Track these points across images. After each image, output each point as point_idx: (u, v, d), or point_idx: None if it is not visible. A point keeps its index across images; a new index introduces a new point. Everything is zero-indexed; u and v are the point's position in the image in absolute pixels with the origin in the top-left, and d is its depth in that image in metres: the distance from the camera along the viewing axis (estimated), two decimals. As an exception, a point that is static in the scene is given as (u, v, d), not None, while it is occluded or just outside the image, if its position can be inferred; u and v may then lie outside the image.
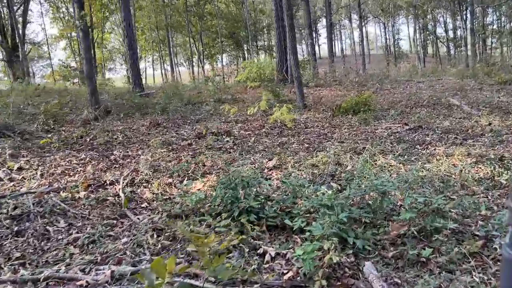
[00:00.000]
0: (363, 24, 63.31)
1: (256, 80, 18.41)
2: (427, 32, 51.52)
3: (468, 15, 36.05)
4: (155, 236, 3.10)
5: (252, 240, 3.09)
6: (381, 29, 55.54)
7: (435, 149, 6.38)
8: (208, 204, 3.50)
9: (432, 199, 3.84)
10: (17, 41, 27.09)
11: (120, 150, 6.02)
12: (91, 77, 9.06)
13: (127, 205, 3.62)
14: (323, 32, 65.37)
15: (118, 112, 9.82)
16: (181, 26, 38.37)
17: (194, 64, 49.25)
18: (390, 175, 5.10)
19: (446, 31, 48.36)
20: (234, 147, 6.43)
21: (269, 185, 3.75)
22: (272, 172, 5.15)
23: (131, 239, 3.07)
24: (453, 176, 5.04)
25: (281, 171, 5.23)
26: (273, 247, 3.07)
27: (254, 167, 5.27)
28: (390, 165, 5.38)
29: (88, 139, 6.56)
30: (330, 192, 3.55)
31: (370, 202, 3.46)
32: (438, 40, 51.52)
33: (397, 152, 6.23)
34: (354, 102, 9.57)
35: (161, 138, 6.86)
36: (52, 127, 7.52)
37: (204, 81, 17.38)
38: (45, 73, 41.18)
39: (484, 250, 3.24)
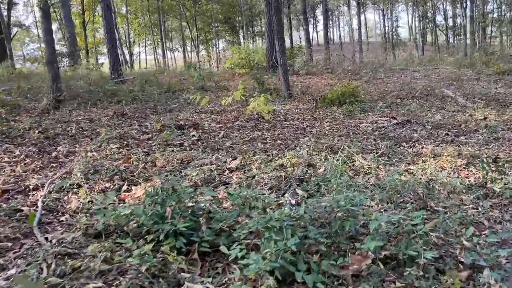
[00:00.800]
0: (361, 11, 62.19)
1: (246, 66, 17.64)
2: (427, 20, 50.53)
3: (468, 3, 35.16)
4: (53, 266, 2.43)
5: (177, 273, 2.43)
6: (380, 16, 54.34)
7: (422, 148, 5.72)
8: (133, 222, 2.84)
9: (408, 216, 3.19)
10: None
11: (67, 145, 5.32)
12: (52, 62, 8.30)
13: (33, 221, 2.95)
14: (321, 18, 64.10)
15: (87, 100, 9.10)
16: (173, 9, 37.24)
17: (188, 49, 48.21)
18: (368, 180, 4.45)
19: (446, 19, 47.36)
20: (199, 142, 5.74)
21: (213, 196, 3.07)
22: (233, 174, 4.48)
23: (21, 270, 2.41)
24: (439, 182, 4.37)
25: (244, 172, 4.56)
26: (201, 283, 2.42)
27: (213, 168, 4.60)
28: (369, 167, 4.71)
29: (36, 132, 5.86)
30: (284, 208, 2.88)
31: (331, 221, 2.79)
32: (437, 28, 50.57)
33: (379, 151, 5.56)
34: (341, 92, 8.87)
35: (119, 131, 6.16)
36: (2, 116, 6.80)
37: (187, 67, 16.51)
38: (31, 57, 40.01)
39: (469, 284, 2.61)
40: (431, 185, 4.18)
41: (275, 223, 2.60)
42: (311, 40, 29.21)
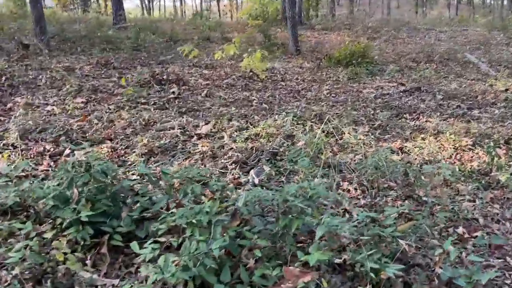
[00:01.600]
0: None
1: (260, 17, 16.62)
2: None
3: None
4: None
5: (70, 273, 1.97)
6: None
7: (426, 121, 5.04)
8: (42, 202, 2.36)
9: (382, 211, 2.64)
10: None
11: (29, 96, 4.84)
12: (36, 1, 7.64)
13: None
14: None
15: (77, 46, 8.52)
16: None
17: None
18: (354, 157, 3.86)
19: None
20: (176, 101, 5.18)
21: (146, 174, 2.55)
22: (200, 142, 3.94)
23: None
24: (438, 164, 3.76)
25: (214, 140, 4.02)
26: (102, 287, 1.96)
27: (179, 133, 4.07)
28: (357, 143, 4.10)
29: (3, 78, 5.38)
30: (217, 201, 2.35)
31: (279, 218, 2.25)
32: (474, -14, 47.27)
33: (376, 122, 4.91)
34: (349, 52, 8.06)
35: (94, 83, 5.63)
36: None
37: (193, 16, 15.54)
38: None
39: (442, 306, 2.12)
40: (424, 170, 3.57)
41: (203, 218, 2.08)
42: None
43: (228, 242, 2.00)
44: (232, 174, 3.28)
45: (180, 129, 4.18)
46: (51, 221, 2.26)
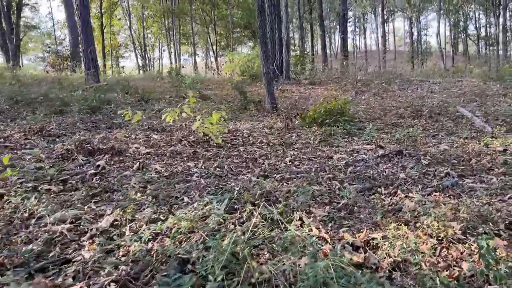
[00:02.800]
0: (390, 19, 59.88)
1: (245, 74, 16.09)
2: (458, 29, 47.94)
3: (502, 11, 32.60)
4: None
5: None
6: (409, 24, 51.70)
7: (405, 197, 4.00)
8: None
9: None
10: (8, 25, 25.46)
11: None
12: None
13: None
14: (350, 25, 61.67)
15: (25, 110, 7.73)
16: (186, 13, 36.19)
17: (211, 54, 46.97)
18: (296, 263, 2.80)
19: (476, 28, 44.72)
20: (94, 178, 4.19)
21: None
22: (88, 243, 2.91)
23: None
24: (414, 269, 2.73)
25: (108, 238, 2.99)
26: None
27: (68, 228, 3.04)
28: (306, 237, 3.05)
29: None
30: None
31: None
32: (468, 38, 47.88)
33: (341, 201, 3.88)
34: (325, 109, 7.18)
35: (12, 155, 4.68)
36: None
37: (168, 73, 14.95)
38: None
39: None
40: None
41: None
42: (326, 47, 27.44)
43: None
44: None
45: (72, 222, 3.17)
46: None
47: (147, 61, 43.84)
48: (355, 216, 3.68)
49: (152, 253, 2.74)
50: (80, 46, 23.70)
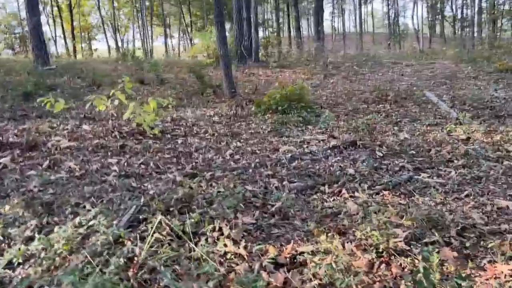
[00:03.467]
0: (368, 0, 59.19)
1: (212, 56, 15.34)
2: (437, 11, 47.70)
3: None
4: None
5: None
6: (387, 6, 51.08)
7: (348, 198, 3.50)
8: None
9: None
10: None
11: None
12: None
13: None
14: (328, 7, 60.66)
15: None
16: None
17: (187, 36, 45.57)
18: None
19: (452, 9, 44.59)
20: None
21: None
22: None
23: None
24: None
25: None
26: None
27: None
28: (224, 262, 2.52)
29: None
30: None
31: None
32: (444, 19, 47.75)
33: (276, 204, 3.35)
34: (280, 95, 6.61)
35: None
36: None
37: (122, 56, 14.04)
38: None
39: None
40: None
41: None
42: (301, 29, 26.77)
43: None
44: None
45: None
46: None
47: (119, 44, 42.22)
48: (288, 222, 3.16)
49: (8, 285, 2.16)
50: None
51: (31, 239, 2.61)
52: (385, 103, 7.90)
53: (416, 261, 2.56)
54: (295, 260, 2.61)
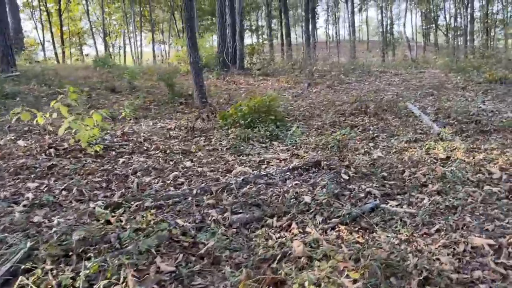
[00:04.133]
0: (363, 8, 59.01)
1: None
2: (431, 20, 47.53)
3: (470, 2, 32.09)
4: None
5: None
6: (381, 14, 50.83)
7: (299, 234, 2.94)
8: None
9: None
10: None
11: None
12: None
13: None
14: (322, 14, 60.40)
15: None
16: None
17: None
18: None
19: (446, 18, 44.45)
20: None
21: None
22: None
23: None
24: None
25: None
26: None
27: None
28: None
29: None
30: None
31: None
32: (438, 28, 47.58)
33: (208, 243, 2.78)
34: (248, 107, 6.07)
35: None
36: None
37: (94, 62, 13.44)
38: None
39: None
40: None
41: None
42: (290, 35, 26.35)
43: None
44: None
45: None
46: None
47: (111, 49, 41.53)
48: (218, 269, 2.59)
49: None
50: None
51: None
52: (364, 116, 7.37)
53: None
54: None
